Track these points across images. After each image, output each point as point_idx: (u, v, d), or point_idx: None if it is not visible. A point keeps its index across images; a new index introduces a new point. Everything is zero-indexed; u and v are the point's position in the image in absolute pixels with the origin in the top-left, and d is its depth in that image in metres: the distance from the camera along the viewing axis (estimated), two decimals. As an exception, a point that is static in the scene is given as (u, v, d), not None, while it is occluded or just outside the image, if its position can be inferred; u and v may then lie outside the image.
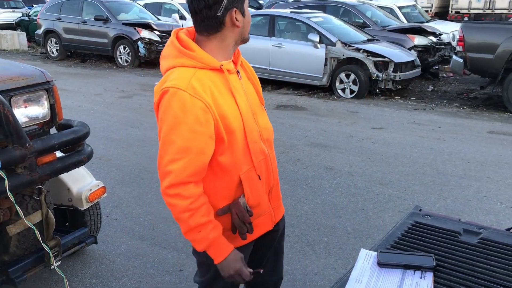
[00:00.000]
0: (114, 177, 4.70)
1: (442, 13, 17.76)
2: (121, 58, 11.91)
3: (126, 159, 5.22)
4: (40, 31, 13.17)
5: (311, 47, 8.55)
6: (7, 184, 2.13)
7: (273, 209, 1.76)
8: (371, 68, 8.15)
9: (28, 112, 2.49)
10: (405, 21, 11.74)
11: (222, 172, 1.57)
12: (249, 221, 1.60)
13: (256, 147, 1.62)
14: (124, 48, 11.79)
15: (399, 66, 8.16)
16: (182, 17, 13.79)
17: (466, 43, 7.47)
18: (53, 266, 2.52)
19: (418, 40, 9.74)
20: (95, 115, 7.08)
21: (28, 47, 15.57)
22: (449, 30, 11.15)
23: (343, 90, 8.49)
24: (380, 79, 8.17)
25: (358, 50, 8.29)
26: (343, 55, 8.32)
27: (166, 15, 14.24)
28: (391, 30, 10.02)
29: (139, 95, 8.60)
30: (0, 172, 2.10)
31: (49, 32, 13.01)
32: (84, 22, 12.23)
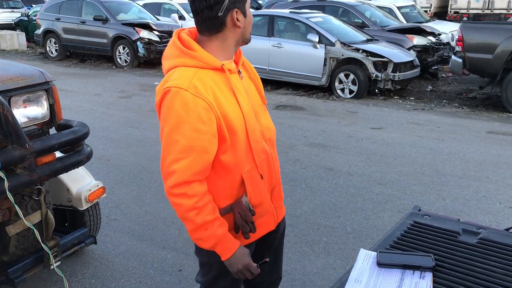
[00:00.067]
0: (114, 177, 4.70)
1: (441, 13, 17.78)
2: (120, 58, 11.90)
3: (126, 159, 5.22)
4: (39, 31, 13.16)
5: (311, 47, 8.56)
6: (7, 185, 2.13)
7: (275, 209, 1.76)
8: (370, 68, 8.15)
9: (28, 113, 2.49)
10: (404, 21, 11.75)
11: (224, 171, 1.58)
12: (252, 220, 1.60)
13: (258, 147, 1.62)
14: (124, 48, 11.78)
15: (398, 66, 8.17)
16: (181, 17, 13.78)
17: (465, 43, 7.47)
18: (53, 267, 2.51)
19: (417, 40, 9.75)
20: (95, 115, 7.08)
21: (27, 47, 15.56)
22: (448, 30, 11.16)
23: (342, 90, 8.50)
24: (379, 79, 8.17)
25: (357, 50, 8.29)
26: (342, 55, 8.33)
27: (166, 15, 14.24)
28: (390, 30, 10.03)
29: (139, 95, 8.60)
30: (0, 173, 2.10)
31: (48, 32, 13.00)
32: (83, 22, 12.22)
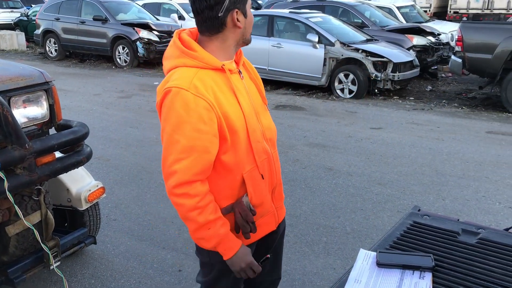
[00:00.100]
0: (113, 177, 4.70)
1: (441, 13, 17.79)
2: (120, 58, 11.90)
3: (125, 159, 5.22)
4: (39, 31, 13.16)
5: (310, 47, 8.56)
6: (6, 185, 2.13)
7: (276, 209, 1.77)
8: (370, 68, 8.15)
9: (27, 113, 2.49)
10: (404, 21, 11.76)
11: (225, 171, 1.58)
12: (252, 220, 1.60)
13: (259, 147, 1.62)
14: (123, 48, 11.78)
15: (398, 66, 8.17)
16: (181, 17, 13.78)
17: (465, 43, 7.48)
18: (52, 267, 2.51)
19: (417, 40, 9.75)
20: (94, 115, 7.08)
21: (27, 47, 15.55)
22: (448, 30, 11.16)
23: (342, 90, 8.50)
24: (379, 79, 8.17)
25: (357, 50, 8.29)
26: (342, 55, 8.33)
27: (165, 15, 14.23)
28: (390, 30, 10.03)
29: (138, 95, 8.60)
30: (0, 173, 2.10)
31: (48, 32, 13.00)
32: (83, 22, 12.22)
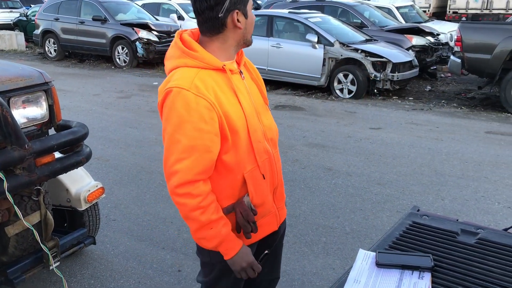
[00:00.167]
0: (113, 178, 4.70)
1: (440, 13, 17.80)
2: (119, 59, 11.90)
3: (125, 160, 5.22)
4: (38, 31, 13.15)
5: (309, 48, 8.56)
6: (6, 185, 2.13)
7: (278, 210, 1.77)
8: (369, 68, 8.15)
9: (27, 113, 2.49)
10: (403, 21, 11.76)
11: (226, 171, 1.58)
12: (253, 220, 1.61)
13: (260, 147, 1.62)
14: (122, 49, 11.77)
15: (397, 66, 8.17)
16: (180, 17, 13.77)
17: (464, 43, 7.48)
18: (52, 267, 2.51)
19: (416, 40, 9.75)
20: (93, 116, 7.08)
21: (26, 48, 15.54)
22: (447, 30, 11.17)
23: (341, 90, 8.50)
24: (378, 79, 8.18)
25: (356, 51, 8.29)
26: (341, 55, 8.33)
27: (164, 15, 14.22)
28: (389, 30, 10.03)
29: (137, 96, 8.60)
30: (-1, 173, 2.10)
31: (47, 33, 12.99)
32: (82, 23, 12.21)
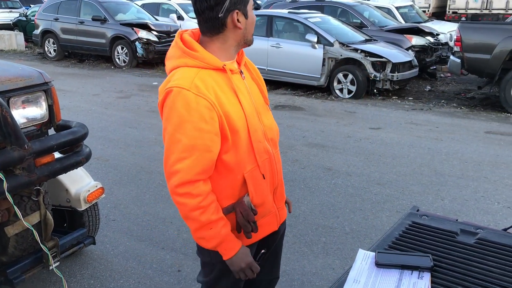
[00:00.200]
0: (112, 178, 4.70)
1: (440, 13, 17.81)
2: (119, 59, 11.89)
3: (124, 160, 5.22)
4: (38, 31, 13.14)
5: (309, 48, 8.56)
6: (6, 185, 2.13)
7: (278, 210, 1.77)
8: (369, 68, 8.16)
9: (27, 113, 2.49)
10: (403, 21, 11.77)
11: (226, 171, 1.58)
12: (254, 220, 1.61)
13: (260, 147, 1.62)
14: (122, 49, 11.77)
15: (397, 66, 8.18)
16: (180, 17, 13.77)
17: (464, 43, 7.49)
18: (52, 267, 2.51)
19: (416, 40, 9.76)
20: (93, 116, 7.07)
21: (26, 48, 15.53)
22: (447, 30, 11.18)
23: (341, 90, 8.50)
24: (378, 79, 8.18)
25: (356, 51, 8.29)
26: (341, 55, 8.33)
27: (164, 15, 14.22)
28: (389, 31, 10.04)
29: (137, 96, 8.59)
30: (-1, 173, 2.10)
31: (47, 33, 12.98)
32: (82, 23, 12.21)
